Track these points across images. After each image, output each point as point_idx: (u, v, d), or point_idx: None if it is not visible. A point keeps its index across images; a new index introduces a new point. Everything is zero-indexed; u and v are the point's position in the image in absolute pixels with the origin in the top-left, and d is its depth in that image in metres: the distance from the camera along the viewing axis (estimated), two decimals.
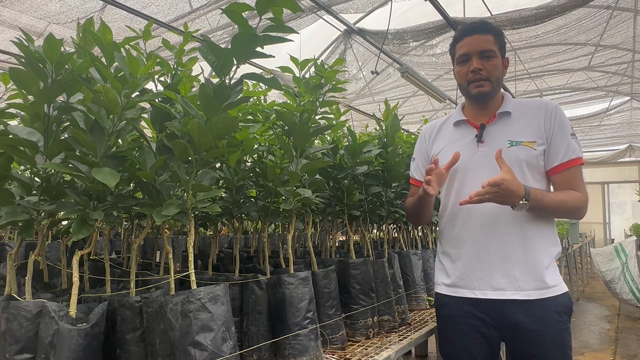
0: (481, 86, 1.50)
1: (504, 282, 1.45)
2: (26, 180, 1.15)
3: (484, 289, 1.48)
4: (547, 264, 1.46)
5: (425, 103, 9.83)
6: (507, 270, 1.45)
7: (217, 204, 1.32)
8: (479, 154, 1.52)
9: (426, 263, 2.43)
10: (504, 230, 1.46)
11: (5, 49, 4.94)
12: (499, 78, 1.53)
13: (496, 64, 1.51)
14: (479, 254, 1.50)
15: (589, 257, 8.58)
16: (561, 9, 4.71)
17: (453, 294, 1.55)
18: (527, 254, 1.45)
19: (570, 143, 1.46)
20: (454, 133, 1.62)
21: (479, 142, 1.54)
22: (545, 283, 1.43)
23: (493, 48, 1.50)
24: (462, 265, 1.53)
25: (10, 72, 1.01)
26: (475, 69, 1.49)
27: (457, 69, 1.57)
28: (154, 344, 1.09)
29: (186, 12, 5.00)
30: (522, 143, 1.48)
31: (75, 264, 1.07)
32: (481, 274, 1.49)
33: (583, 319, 5.92)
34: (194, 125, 1.06)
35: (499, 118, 1.54)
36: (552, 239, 1.50)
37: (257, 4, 1.01)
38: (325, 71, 1.53)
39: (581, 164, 1.48)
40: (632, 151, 13.49)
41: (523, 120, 1.52)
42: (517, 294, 1.44)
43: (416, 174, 1.75)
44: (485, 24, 1.54)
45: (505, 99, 1.58)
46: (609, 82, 8.62)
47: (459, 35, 1.56)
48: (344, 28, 6.06)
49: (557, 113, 1.49)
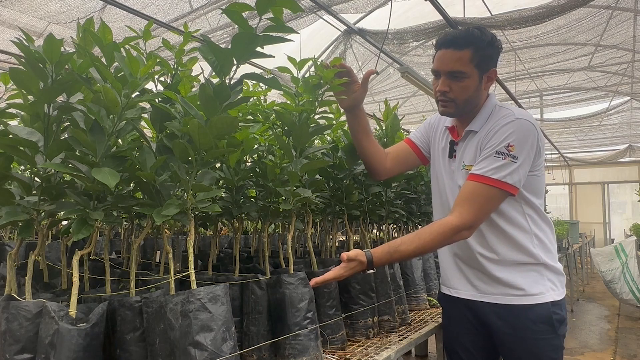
0: (445, 107, 1.48)
1: (475, 285, 1.52)
2: (26, 180, 1.15)
3: (459, 288, 1.58)
4: (523, 273, 1.44)
5: (425, 103, 9.82)
6: (466, 274, 1.54)
7: (217, 204, 1.32)
8: (451, 169, 1.57)
9: (426, 263, 2.43)
10: (470, 243, 1.50)
11: (5, 49, 4.93)
12: (468, 99, 1.44)
13: (466, 86, 1.41)
14: (449, 256, 1.61)
15: (589, 257, 8.58)
16: (561, 9, 4.70)
17: (442, 290, 1.70)
18: (491, 270, 1.47)
19: (486, 159, 1.37)
20: (443, 138, 1.65)
21: (450, 158, 1.57)
22: (516, 291, 1.43)
23: (464, 69, 1.39)
24: (443, 265, 1.67)
25: (10, 72, 1.01)
26: (441, 90, 1.44)
27: (432, 79, 1.54)
28: (154, 344, 1.09)
29: (186, 12, 4.99)
30: (466, 167, 1.48)
31: (75, 264, 1.07)
32: (451, 274, 1.61)
33: (583, 319, 5.92)
34: (194, 125, 1.06)
35: (465, 136, 1.52)
36: (519, 246, 1.44)
37: (257, 4, 1.01)
38: (323, 70, 1.53)
39: (483, 183, 1.34)
40: (632, 151, 13.48)
41: (477, 141, 1.45)
42: (484, 296, 1.50)
43: (412, 136, 1.77)
44: (466, 36, 1.39)
45: (479, 115, 1.49)
46: (609, 82, 8.61)
47: (436, 44, 1.45)
48: (344, 28, 6.05)
49: (499, 128, 1.38)
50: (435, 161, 1.66)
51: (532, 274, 1.45)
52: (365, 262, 1.34)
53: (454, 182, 1.53)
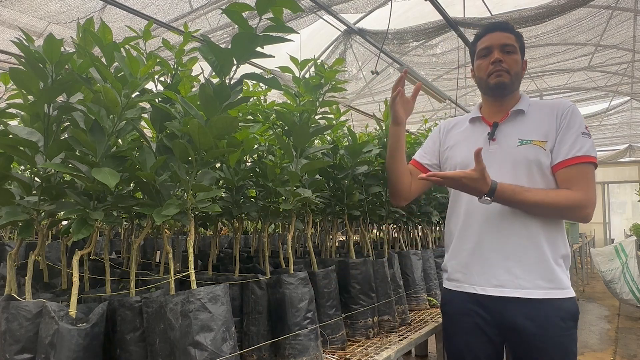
0: (500, 76, 1.52)
1: (505, 279, 1.44)
2: (26, 180, 1.15)
3: (484, 285, 1.48)
4: (553, 264, 1.43)
5: (425, 103, 9.82)
6: (508, 267, 1.44)
7: (217, 204, 1.32)
8: (489, 152, 1.52)
9: (426, 263, 2.43)
10: (506, 227, 1.46)
11: (5, 49, 4.93)
12: (518, 73, 1.55)
13: (516, 59, 1.54)
14: (481, 250, 1.50)
15: (589, 257, 8.58)
16: (561, 9, 4.70)
17: (456, 288, 1.56)
18: (529, 252, 1.43)
19: (576, 141, 1.43)
20: (468, 130, 1.64)
21: (490, 139, 1.54)
22: (549, 283, 1.41)
23: (514, 44, 1.53)
24: (464, 261, 1.54)
25: (10, 72, 1.01)
26: (496, 59, 1.51)
27: (477, 62, 1.58)
28: (154, 344, 1.09)
29: (186, 12, 4.99)
30: (533, 142, 1.47)
31: (75, 264, 1.07)
32: (482, 269, 1.49)
33: (583, 319, 5.92)
34: (194, 125, 1.06)
35: (512, 116, 1.54)
36: (559, 239, 1.47)
37: (257, 4, 1.01)
38: (325, 71, 1.53)
39: (588, 163, 1.42)
40: (632, 151, 13.48)
41: (536, 120, 1.51)
42: (516, 291, 1.42)
43: (417, 156, 1.77)
44: (508, 24, 1.57)
45: (522, 98, 1.58)
46: (609, 82, 8.61)
47: (481, 32, 1.58)
48: (344, 28, 6.05)
49: (570, 112, 1.48)
50: (462, 151, 1.60)
51: (561, 267, 1.45)
52: (489, 184, 1.37)
53: (509, 161, 1.48)
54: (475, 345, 1.50)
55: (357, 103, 9.08)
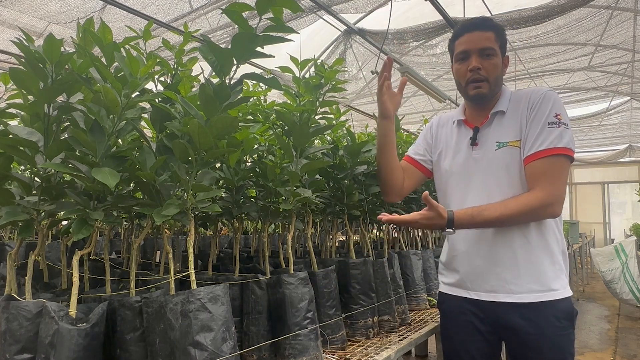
0: (479, 87, 1.47)
1: (495, 285, 1.44)
2: (26, 180, 1.15)
3: (477, 290, 1.49)
4: (545, 266, 1.41)
5: (425, 103, 9.82)
6: (497, 273, 1.44)
7: (217, 204, 1.32)
8: (473, 158, 1.51)
9: (426, 263, 2.43)
10: (494, 233, 1.45)
11: (5, 49, 4.93)
12: (497, 78, 1.47)
13: (496, 63, 1.46)
14: (470, 256, 1.50)
15: (589, 257, 8.58)
16: (561, 9, 4.71)
17: (452, 292, 1.58)
18: (517, 256, 1.42)
19: (541, 133, 1.37)
20: (454, 133, 1.62)
21: (472, 145, 1.52)
22: (540, 286, 1.40)
23: (493, 46, 1.45)
24: (457, 267, 1.56)
25: (10, 72, 1.01)
26: (474, 67, 1.45)
27: (455, 66, 1.53)
28: (154, 344, 1.09)
29: (186, 12, 4.99)
30: (508, 144, 1.44)
31: (75, 264, 1.07)
32: (474, 276, 1.50)
33: (583, 319, 5.92)
34: (194, 125, 1.06)
35: (492, 118, 1.51)
36: (550, 238, 1.44)
37: (257, 4, 1.01)
38: (325, 71, 1.53)
39: (553, 155, 1.34)
40: (632, 151, 13.47)
41: (512, 117, 1.46)
42: (508, 296, 1.42)
43: (410, 152, 1.76)
44: (487, 20, 1.48)
45: (502, 96, 1.52)
46: (609, 82, 8.61)
47: (458, 31, 1.50)
48: (344, 28, 6.05)
49: (540, 101, 1.41)
50: (448, 158, 1.60)
51: (555, 269, 1.42)
52: (446, 218, 1.35)
53: (491, 166, 1.46)
54: (471, 344, 1.51)
55: (357, 103, 9.07)
